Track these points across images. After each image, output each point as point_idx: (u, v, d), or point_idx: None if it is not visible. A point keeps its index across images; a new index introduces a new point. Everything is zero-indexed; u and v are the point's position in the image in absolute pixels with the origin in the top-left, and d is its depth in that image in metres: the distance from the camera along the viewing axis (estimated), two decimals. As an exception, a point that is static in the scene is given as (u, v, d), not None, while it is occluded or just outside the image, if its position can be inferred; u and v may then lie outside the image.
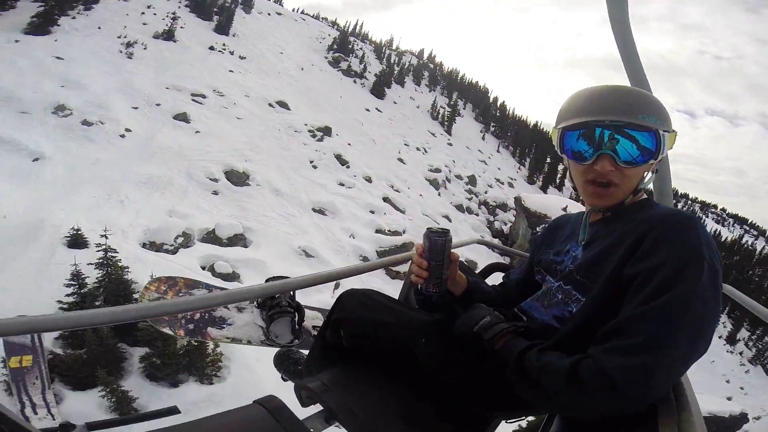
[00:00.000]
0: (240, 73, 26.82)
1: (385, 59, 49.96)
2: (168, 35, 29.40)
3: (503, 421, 1.12)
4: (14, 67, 16.82)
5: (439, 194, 27.23)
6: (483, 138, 47.92)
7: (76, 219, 9.56)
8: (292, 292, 1.81)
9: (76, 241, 8.96)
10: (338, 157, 21.30)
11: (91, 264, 7.74)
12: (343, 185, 19.32)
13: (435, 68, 57.56)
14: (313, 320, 1.87)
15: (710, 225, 64.45)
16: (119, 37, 25.26)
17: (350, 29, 51.15)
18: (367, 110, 33.27)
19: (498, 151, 46.74)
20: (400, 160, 27.82)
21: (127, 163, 12.75)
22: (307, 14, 59.01)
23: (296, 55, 36.72)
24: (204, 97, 20.16)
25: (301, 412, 0.95)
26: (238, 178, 14.43)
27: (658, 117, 0.92)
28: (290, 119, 22.60)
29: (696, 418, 0.73)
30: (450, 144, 38.16)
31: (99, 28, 25.88)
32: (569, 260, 1.04)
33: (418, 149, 31.73)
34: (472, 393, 0.99)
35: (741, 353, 32.01)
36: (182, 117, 17.08)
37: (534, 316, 1.06)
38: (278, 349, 1.73)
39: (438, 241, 1.07)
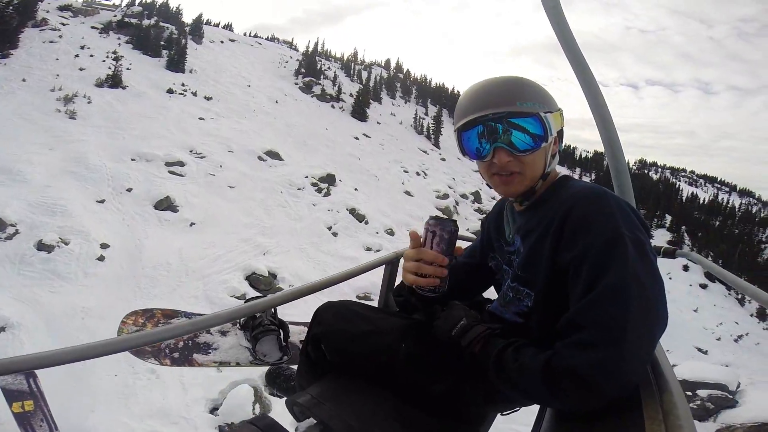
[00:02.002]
0: (212, 119, 22.84)
1: (355, 76, 46.83)
2: (114, 81, 24.68)
3: (499, 414, 1.09)
4: None
5: (456, 225, 24.76)
6: (468, 145, 46.07)
7: (121, 421, 6.14)
8: (273, 310, 1.76)
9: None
10: (353, 212, 18.19)
11: None
12: (370, 249, 16.25)
13: (405, 78, 55.04)
14: (299, 335, 1.79)
15: (685, 189, 65.27)
16: (53, 90, 20.45)
17: (311, 49, 47.33)
18: (356, 138, 30.16)
19: (486, 157, 45.04)
20: (407, 193, 25.06)
21: (126, 304, 8.91)
22: (260, 37, 54.65)
23: (264, 86, 32.82)
24: (182, 165, 16.24)
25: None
26: (266, 285, 11.00)
27: (536, 100, 0.92)
28: (287, 172, 19.14)
29: (677, 398, 0.71)
30: (443, 159, 35.80)
31: (24, 80, 20.94)
32: (515, 254, 1.02)
33: (418, 174, 29.12)
34: (460, 391, 0.96)
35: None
36: (166, 204, 13.25)
37: (502, 317, 1.04)
38: (268, 368, 1.69)
39: (454, 231, 0.95)
